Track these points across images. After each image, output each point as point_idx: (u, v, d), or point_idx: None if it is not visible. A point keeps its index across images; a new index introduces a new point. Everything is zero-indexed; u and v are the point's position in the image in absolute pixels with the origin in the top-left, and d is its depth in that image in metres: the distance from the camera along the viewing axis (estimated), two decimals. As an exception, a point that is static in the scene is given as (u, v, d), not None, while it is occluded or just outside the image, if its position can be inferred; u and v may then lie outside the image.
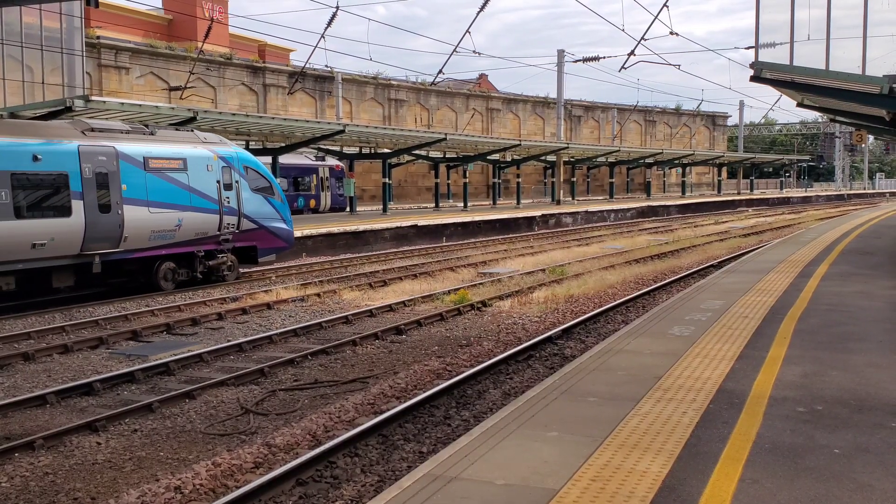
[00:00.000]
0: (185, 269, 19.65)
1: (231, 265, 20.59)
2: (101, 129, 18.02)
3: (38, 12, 31.57)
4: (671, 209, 58.38)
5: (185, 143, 19.54)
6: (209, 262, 20.02)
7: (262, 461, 7.79)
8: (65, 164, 16.56)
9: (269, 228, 21.26)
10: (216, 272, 20.23)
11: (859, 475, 5.14)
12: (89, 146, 17.15)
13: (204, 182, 19.36)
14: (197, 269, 19.85)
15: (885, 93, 14.25)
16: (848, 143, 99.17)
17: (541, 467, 5.36)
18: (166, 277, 19.11)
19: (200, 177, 19.28)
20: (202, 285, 19.84)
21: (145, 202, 18.02)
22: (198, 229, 19.33)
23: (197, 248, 19.60)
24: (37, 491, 7.33)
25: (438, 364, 11.61)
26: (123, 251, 17.83)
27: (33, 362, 12.29)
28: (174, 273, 19.29)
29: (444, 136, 39.68)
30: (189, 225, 19.04)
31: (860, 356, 8.45)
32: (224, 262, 20.32)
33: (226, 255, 20.34)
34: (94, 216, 17.01)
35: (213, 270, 20.18)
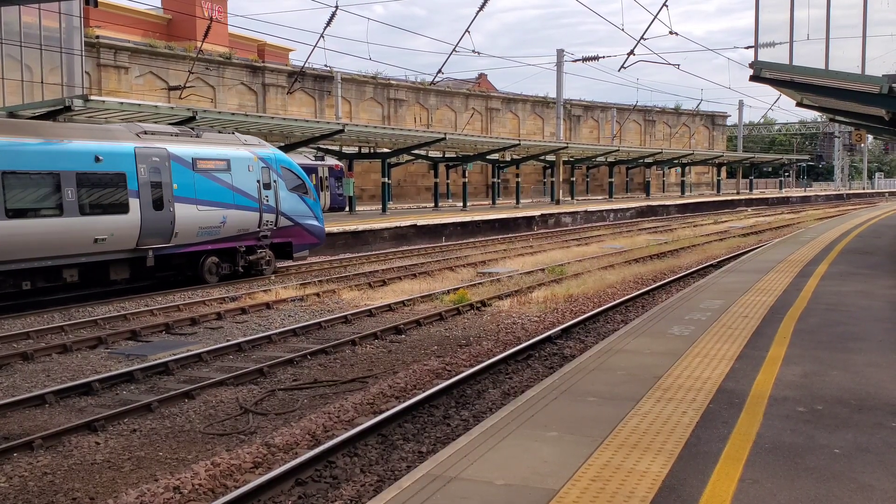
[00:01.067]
0: (228, 263, 20.74)
1: (269, 260, 21.68)
2: (153, 131, 19.18)
3: (38, 12, 31.55)
4: (670, 209, 58.38)
5: (228, 144, 20.67)
6: (249, 257, 21.12)
7: (261, 461, 7.77)
8: (123, 164, 17.66)
9: (304, 225, 22.42)
10: (255, 266, 21.33)
11: (860, 475, 5.13)
12: (144, 148, 18.31)
13: (245, 182, 20.47)
14: (238, 264, 20.97)
15: (885, 92, 14.25)
16: (847, 143, 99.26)
17: (540, 467, 5.35)
18: (210, 271, 20.21)
19: (242, 177, 20.41)
20: (242, 278, 20.95)
21: (194, 200, 19.14)
22: (240, 226, 20.41)
23: (238, 243, 20.69)
24: (35, 491, 7.31)
25: (438, 364, 11.60)
26: (174, 246, 18.95)
27: (32, 362, 12.28)
28: (218, 267, 20.40)
29: (444, 135, 39.67)
30: (232, 222, 20.15)
31: (860, 356, 8.44)
32: (263, 257, 21.41)
33: (264, 250, 21.45)
34: (148, 213, 18.12)
35: (252, 265, 21.28)
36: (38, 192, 16.18)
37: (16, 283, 16.26)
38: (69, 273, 17.11)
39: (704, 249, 28.35)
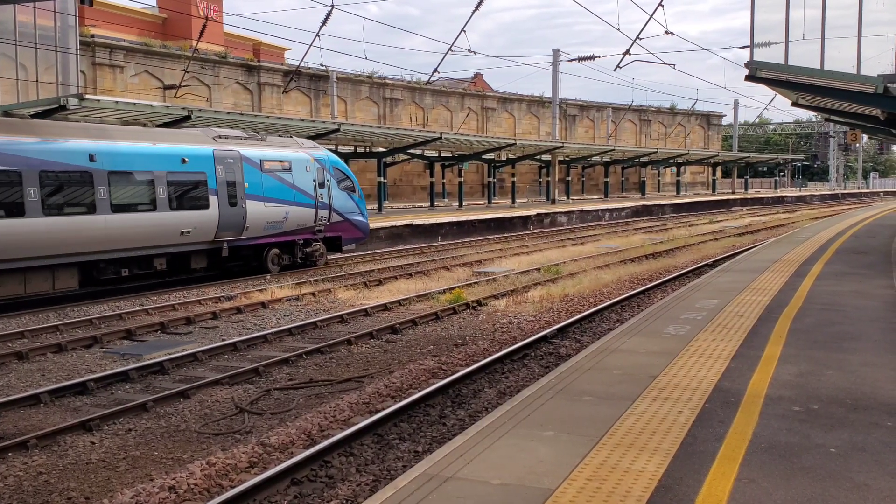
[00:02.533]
0: (287, 254, 22.79)
1: (322, 252, 23.78)
2: (227, 136, 21.38)
3: (33, 11, 31.46)
4: (666, 208, 58.44)
5: (288, 147, 22.86)
6: (306, 249, 23.23)
7: (256, 460, 7.76)
8: (204, 165, 19.73)
9: (352, 221, 24.56)
10: (310, 258, 23.40)
11: (855, 474, 5.14)
12: (221, 150, 20.33)
13: (304, 181, 22.53)
14: (297, 255, 23.02)
15: (880, 92, 14.28)
16: (842, 143, 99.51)
17: (537, 467, 5.35)
18: (273, 261, 22.17)
19: (301, 176, 22.46)
20: (300, 268, 23.02)
21: (262, 198, 21.16)
22: (299, 221, 22.48)
23: (297, 237, 22.80)
24: (30, 490, 7.29)
25: (434, 363, 11.59)
26: (245, 238, 21.01)
27: (27, 361, 12.25)
28: (279, 258, 22.42)
29: (440, 135, 39.66)
30: (293, 217, 22.21)
31: (855, 355, 8.46)
32: (317, 250, 23.63)
33: (318, 243, 23.62)
34: (225, 209, 20.15)
35: (308, 256, 23.35)
36: (136, 190, 18.25)
37: (116, 270, 18.25)
38: (159, 262, 19.14)
39: (700, 249, 28.39)
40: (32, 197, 16.02)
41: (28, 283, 16.33)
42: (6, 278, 15.83)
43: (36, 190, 16.11)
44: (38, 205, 16.13)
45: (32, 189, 16.04)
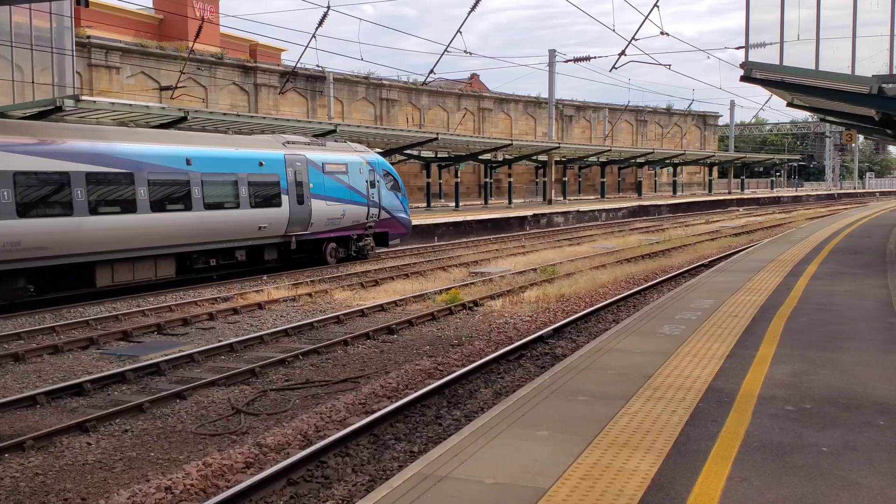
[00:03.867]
0: (343, 248, 25.11)
1: (372, 246, 26.25)
2: (294, 142, 23.80)
3: (28, 12, 31.41)
4: (662, 209, 58.52)
5: (344, 151, 25.42)
6: (359, 244, 25.64)
7: (253, 461, 7.78)
8: (277, 168, 22.10)
9: (398, 218, 27.02)
10: (362, 252, 25.76)
11: (847, 473, 5.17)
12: (290, 155, 22.73)
13: (358, 182, 24.96)
14: (351, 249, 25.39)
15: (875, 92, 14.34)
16: (838, 143, 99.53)
17: (531, 466, 5.38)
18: (331, 254, 24.50)
19: (356, 178, 24.90)
20: (352, 261, 25.30)
21: (324, 197, 23.52)
22: (354, 218, 24.84)
23: (351, 232, 25.15)
24: (27, 492, 7.31)
25: (430, 364, 11.62)
26: (309, 234, 23.39)
27: (23, 363, 12.25)
28: (336, 251, 24.76)
29: (436, 135, 39.68)
30: (349, 214, 24.60)
31: (849, 355, 8.50)
32: (368, 244, 26.02)
33: (369, 238, 26.03)
34: (294, 207, 22.49)
35: (360, 250, 25.71)
36: (223, 190, 20.47)
37: (205, 260, 20.61)
38: (239, 253, 21.46)
39: (696, 249, 28.45)
40: (142, 196, 18.27)
41: (136, 271, 18.60)
42: (120, 266, 18.14)
43: (145, 189, 18.35)
44: (147, 203, 18.38)
45: (143, 189, 18.30)
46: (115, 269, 18.00)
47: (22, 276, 16.35)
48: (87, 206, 17.08)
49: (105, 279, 17.90)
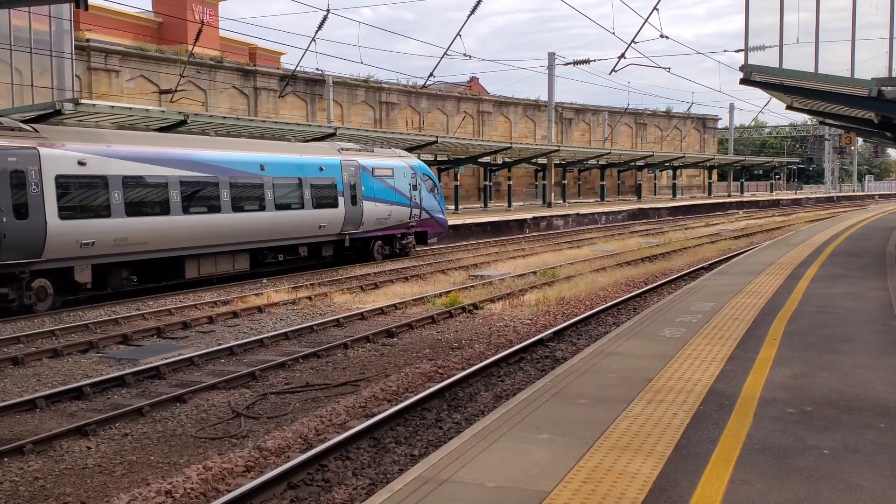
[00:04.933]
0: (388, 246, 27.48)
1: (413, 244, 28.56)
2: (347, 148, 26.33)
3: (28, 15, 31.42)
4: (662, 211, 58.52)
5: (390, 157, 28.00)
6: (402, 242, 27.96)
7: (253, 465, 7.77)
8: (334, 172, 24.55)
9: (436, 218, 29.48)
10: (404, 249, 28.05)
11: (848, 475, 5.17)
12: (345, 160, 25.19)
13: (402, 185, 27.39)
14: (395, 247, 27.74)
15: (874, 95, 14.33)
16: (837, 146, 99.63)
17: (532, 469, 5.37)
18: (378, 251, 26.89)
19: (400, 181, 27.34)
20: (396, 258, 27.54)
21: (373, 199, 25.92)
22: (398, 218, 27.26)
23: (396, 231, 27.53)
24: (26, 496, 7.29)
25: (430, 367, 11.61)
26: (361, 232, 25.79)
27: (23, 366, 12.24)
28: (382, 248, 27.15)
29: (436, 138, 39.69)
30: (394, 215, 27.01)
31: (849, 357, 8.50)
32: (410, 242, 28.35)
33: (411, 236, 28.36)
34: (348, 208, 24.92)
35: (403, 248, 28.01)
36: (290, 192, 22.92)
37: (274, 255, 22.88)
38: (302, 249, 23.82)
39: (696, 252, 28.44)
40: (225, 198, 20.64)
41: (218, 265, 20.85)
42: (205, 260, 20.47)
43: (227, 192, 20.70)
44: (229, 204, 20.73)
45: (225, 191, 20.66)
46: (200, 263, 20.35)
47: (126, 268, 18.73)
48: (180, 206, 19.43)
49: (192, 271, 20.19)
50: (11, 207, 15.90)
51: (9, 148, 16.12)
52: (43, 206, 16.44)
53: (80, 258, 17.34)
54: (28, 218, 16.18)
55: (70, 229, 16.94)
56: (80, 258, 17.34)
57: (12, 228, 15.87)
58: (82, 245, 17.19)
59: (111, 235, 17.76)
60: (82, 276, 17.50)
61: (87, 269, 17.53)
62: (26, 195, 16.18)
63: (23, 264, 16.29)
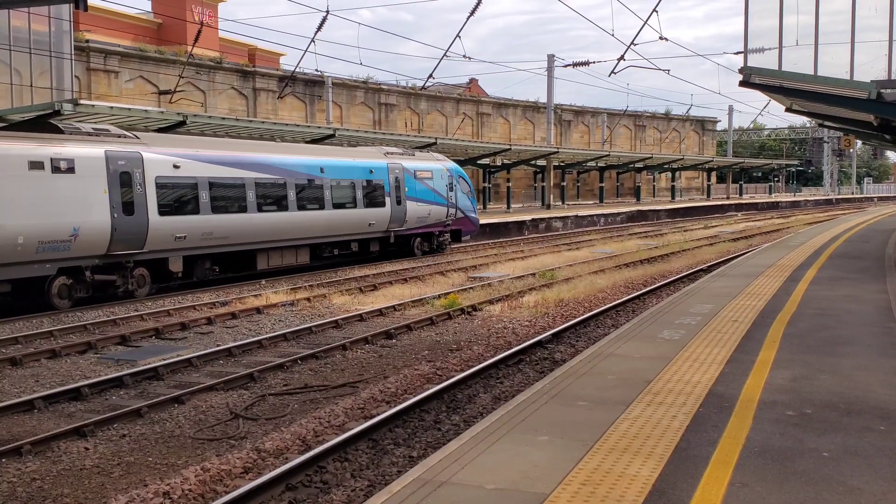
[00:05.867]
0: (426, 242, 29.62)
1: (448, 242, 30.77)
2: (392, 152, 28.59)
3: (27, 16, 31.40)
4: (661, 213, 58.53)
5: (429, 160, 30.12)
6: (439, 239, 30.13)
7: (251, 466, 7.75)
8: (381, 175, 26.77)
9: (469, 217, 31.51)
10: (441, 246, 30.21)
11: (848, 478, 5.16)
12: (391, 163, 27.44)
13: (440, 186, 29.52)
14: (433, 244, 29.82)
15: (873, 98, 14.33)
16: (836, 148, 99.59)
17: (531, 471, 5.36)
18: (418, 248, 29.04)
19: (439, 183, 29.46)
20: (434, 254, 29.58)
21: (415, 199, 28.08)
22: (436, 217, 29.39)
23: (434, 229, 29.66)
24: (24, 497, 7.27)
25: (429, 368, 11.59)
26: (404, 230, 27.96)
27: (21, 367, 12.22)
28: (421, 245, 29.25)
29: (435, 140, 39.71)
30: (433, 214, 29.15)
31: (849, 359, 8.49)
32: (446, 240, 30.54)
33: (447, 234, 30.49)
34: (394, 207, 27.09)
35: (440, 245, 30.15)
36: (345, 193, 25.22)
37: (330, 250, 25.48)
38: (353, 245, 26.20)
39: (694, 254, 28.44)
40: (291, 197, 22.95)
41: (284, 258, 23.08)
42: (273, 254, 22.69)
43: (293, 193, 23.02)
44: (295, 203, 23.05)
45: (292, 192, 22.96)
46: (269, 256, 22.61)
47: (209, 259, 21.05)
48: (255, 205, 21.75)
49: (262, 263, 22.41)
50: (121, 204, 18.17)
51: (119, 152, 18.45)
52: (146, 203, 18.75)
53: (174, 250, 19.71)
54: (134, 214, 18.48)
55: (167, 224, 19.24)
56: (174, 250, 19.71)
57: (121, 223, 18.14)
58: (176, 238, 19.59)
59: (200, 230, 20.15)
60: (175, 266, 19.88)
61: (179, 259, 19.94)
62: (132, 194, 18.49)
63: (128, 255, 18.64)
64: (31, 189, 16.58)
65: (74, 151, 17.56)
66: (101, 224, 17.73)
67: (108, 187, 17.95)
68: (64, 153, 17.32)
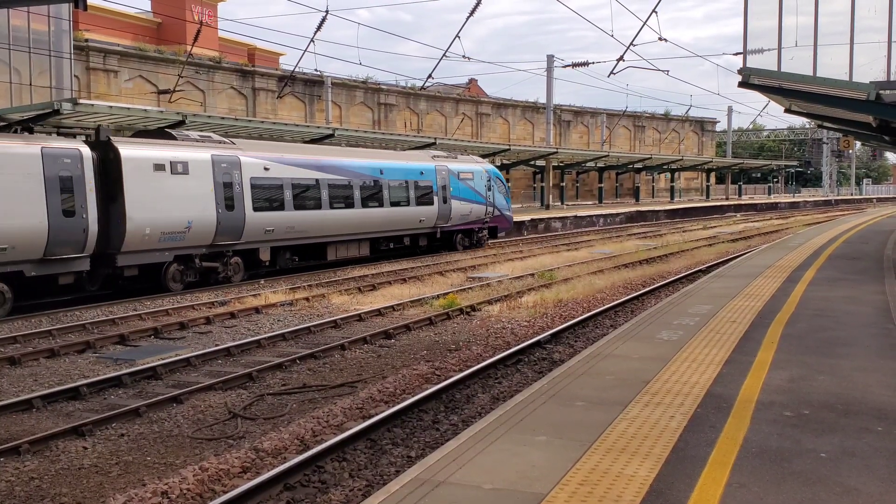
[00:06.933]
0: (466, 238, 32.09)
1: (486, 238, 33.36)
2: (438, 155, 31.39)
3: (27, 15, 31.37)
4: (660, 214, 58.54)
5: (470, 162, 32.72)
6: (478, 235, 32.59)
7: (249, 466, 7.76)
8: (430, 176, 29.46)
9: (505, 215, 34.08)
10: (480, 242, 32.73)
11: (845, 479, 5.16)
12: (438, 166, 30.15)
13: (480, 186, 32.03)
14: (473, 239, 32.37)
15: (872, 99, 14.34)
16: (835, 149, 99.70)
17: (529, 471, 5.36)
18: (460, 243, 31.56)
19: (479, 183, 32.02)
20: (474, 248, 31.99)
21: (458, 198, 30.68)
22: (477, 215, 31.93)
23: (474, 226, 32.18)
24: (22, 496, 7.27)
25: (427, 368, 11.59)
26: (448, 226, 30.57)
27: (19, 366, 12.22)
28: (462, 240, 31.76)
29: (434, 140, 39.67)
30: (474, 212, 31.69)
31: (847, 360, 8.49)
32: (484, 236, 33.15)
33: (485, 231, 33.16)
34: (440, 206, 29.78)
35: (479, 241, 32.66)
36: (400, 192, 27.77)
37: (386, 244, 28.03)
38: (406, 239, 28.84)
39: (693, 255, 28.45)
40: (357, 196, 25.79)
41: (349, 250, 25.88)
42: (340, 246, 25.51)
43: (358, 192, 25.79)
44: (359, 201, 25.84)
45: (357, 191, 25.78)
46: (337, 248, 25.35)
47: (289, 250, 23.80)
48: (328, 202, 24.49)
49: (332, 254, 25.22)
50: (224, 201, 20.87)
51: (222, 156, 21.15)
52: (243, 200, 21.51)
53: (264, 241, 22.52)
54: (233, 210, 21.18)
55: (259, 219, 21.98)
56: (264, 241, 22.52)
57: (224, 217, 20.85)
58: (266, 231, 22.34)
59: (284, 224, 22.90)
60: (264, 255, 22.64)
61: (267, 250, 22.71)
62: (232, 192, 21.21)
63: (228, 245, 21.39)
64: (156, 187, 19.17)
65: (188, 155, 20.26)
66: (209, 218, 20.49)
67: (213, 186, 20.65)
68: (180, 157, 20.00)
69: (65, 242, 17.31)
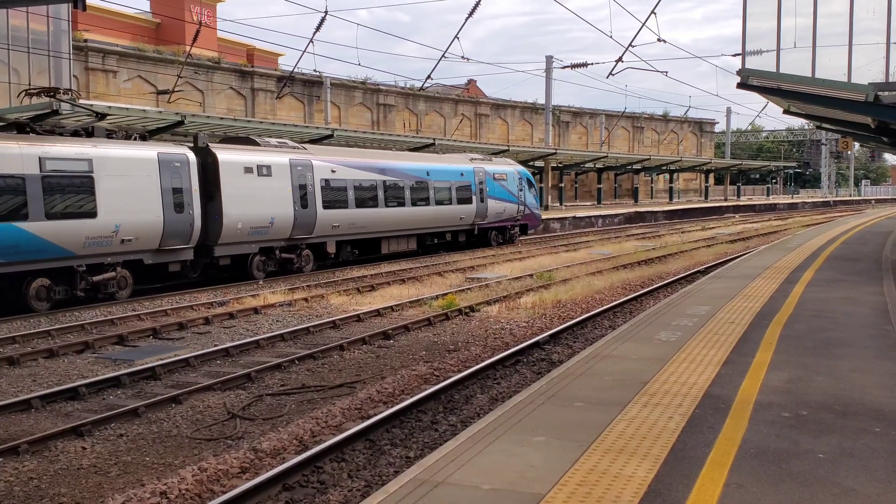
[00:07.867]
0: (500, 235, 34.16)
1: (517, 235, 35.46)
2: (475, 158, 33.86)
3: (25, 15, 31.36)
4: (659, 215, 58.55)
5: (503, 164, 35.01)
6: (511, 232, 34.81)
7: (248, 466, 7.76)
8: (469, 177, 31.71)
9: (534, 214, 36.39)
10: (512, 239, 34.86)
11: (843, 480, 5.18)
12: (476, 167, 32.43)
13: (513, 187, 34.22)
14: (506, 236, 34.49)
15: (871, 100, 14.36)
16: (834, 150, 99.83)
17: (527, 472, 5.37)
18: (493, 239, 33.68)
19: (511, 184, 34.21)
20: (506, 244, 34.00)
21: (493, 198, 32.94)
22: (509, 213, 34.17)
23: (507, 223, 34.38)
24: (21, 496, 7.28)
25: (426, 369, 11.60)
26: (484, 223, 32.83)
27: (18, 366, 12.22)
28: (496, 237, 33.96)
29: (433, 141, 39.70)
30: (507, 210, 33.95)
31: (845, 362, 8.51)
32: (516, 233, 35.29)
33: (517, 228, 35.33)
34: (478, 205, 32.05)
35: (511, 237, 34.79)
36: (443, 192, 30.13)
37: (431, 240, 30.78)
38: (448, 235, 31.40)
39: (692, 255, 28.47)
40: (407, 195, 28.17)
41: (399, 245, 28.33)
42: (392, 241, 27.96)
43: (409, 192, 28.27)
44: (409, 200, 28.22)
45: (407, 191, 28.20)
46: (389, 243, 27.73)
47: (350, 244, 26.37)
48: (384, 201, 26.98)
49: (385, 248, 27.67)
50: (299, 200, 23.40)
51: (297, 159, 23.79)
52: (315, 199, 24.06)
53: (331, 236, 25.03)
54: (307, 208, 23.73)
55: (328, 216, 24.54)
56: (331, 236, 25.03)
57: (300, 214, 23.45)
58: (333, 227, 24.87)
59: (348, 221, 25.46)
60: (331, 248, 25.19)
61: (333, 243, 25.30)
62: (306, 192, 23.73)
63: (302, 238, 23.86)
64: (246, 187, 21.80)
65: (271, 159, 22.89)
66: (288, 214, 23.01)
67: (291, 187, 23.16)
68: (265, 160, 22.67)
69: (175, 235, 19.94)
